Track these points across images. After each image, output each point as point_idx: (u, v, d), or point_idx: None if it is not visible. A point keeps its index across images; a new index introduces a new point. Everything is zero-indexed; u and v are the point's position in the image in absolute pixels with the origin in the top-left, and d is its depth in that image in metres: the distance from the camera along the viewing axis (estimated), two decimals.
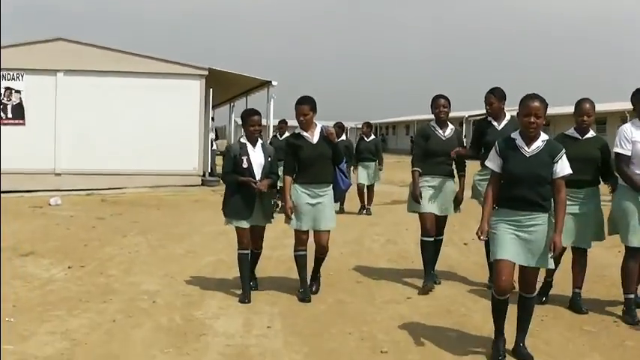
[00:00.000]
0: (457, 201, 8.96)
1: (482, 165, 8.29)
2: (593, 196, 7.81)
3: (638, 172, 7.34)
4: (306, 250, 8.21)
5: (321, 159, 8.16)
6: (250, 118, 8.21)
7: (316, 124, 8.26)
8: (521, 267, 6.13)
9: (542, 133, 6.13)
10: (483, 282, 8.87)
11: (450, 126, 9.01)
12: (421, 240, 8.88)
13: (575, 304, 7.75)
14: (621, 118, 43.29)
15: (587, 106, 7.76)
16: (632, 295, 7.48)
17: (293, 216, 8.10)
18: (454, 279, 9.28)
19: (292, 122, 10.31)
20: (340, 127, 16.87)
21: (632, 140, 7.40)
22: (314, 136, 8.19)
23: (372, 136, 17.57)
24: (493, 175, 6.21)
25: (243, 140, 8.28)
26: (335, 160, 8.28)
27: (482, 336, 6.68)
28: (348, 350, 6.36)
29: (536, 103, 6.01)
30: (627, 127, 7.55)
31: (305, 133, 8.19)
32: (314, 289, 8.42)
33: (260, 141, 8.34)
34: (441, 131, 8.87)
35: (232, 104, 35.71)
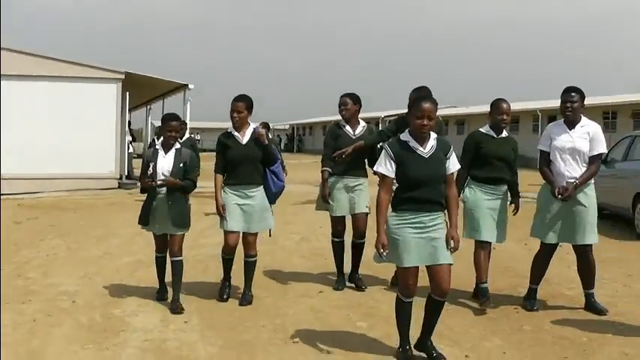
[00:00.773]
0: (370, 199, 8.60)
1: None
2: (506, 195, 8.15)
3: (561, 171, 7.63)
4: (234, 254, 8.14)
5: (248, 160, 8.00)
6: (168, 123, 7.91)
7: (249, 124, 8.13)
8: (431, 268, 5.98)
9: (431, 132, 6.08)
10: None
11: (362, 124, 8.89)
12: (332, 240, 8.99)
13: (482, 292, 7.99)
14: (534, 117, 44.75)
15: (505, 105, 8.02)
16: (536, 287, 7.91)
17: (223, 219, 7.99)
18: (368, 273, 9.31)
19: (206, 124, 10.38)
20: (266, 126, 17.01)
21: (550, 137, 7.76)
22: (244, 137, 8.05)
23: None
24: (385, 181, 6.02)
25: (158, 146, 8.05)
26: (265, 162, 8.13)
27: (391, 325, 6.97)
28: (261, 342, 6.68)
29: (429, 105, 5.94)
30: (549, 126, 7.97)
31: (236, 133, 8.06)
32: (247, 294, 8.14)
33: (176, 146, 7.97)
34: (350, 130, 8.79)
35: (149, 107, 35.65)
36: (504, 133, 8.13)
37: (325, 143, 8.90)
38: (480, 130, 8.21)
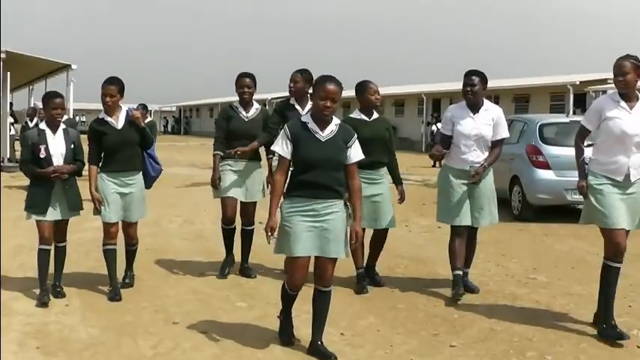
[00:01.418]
0: (265, 185, 8.58)
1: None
2: (386, 177, 8.16)
3: (466, 157, 7.66)
4: (115, 244, 7.81)
5: (127, 145, 7.68)
6: (52, 100, 7.48)
7: (121, 108, 7.78)
8: (317, 259, 5.88)
9: (333, 117, 5.91)
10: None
11: (256, 106, 8.63)
12: (222, 227, 8.76)
13: (373, 279, 8.24)
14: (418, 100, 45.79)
15: (373, 85, 7.98)
16: (459, 272, 7.72)
17: (102, 208, 7.61)
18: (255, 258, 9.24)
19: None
20: (144, 108, 16.63)
21: (452, 121, 7.75)
22: (119, 121, 7.69)
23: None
24: (281, 162, 5.86)
25: (42, 126, 7.59)
26: (143, 145, 7.86)
27: (271, 305, 7.23)
28: (142, 322, 6.89)
29: (333, 86, 5.74)
30: (450, 108, 8.02)
31: (109, 118, 7.67)
32: (127, 281, 8.10)
33: (62, 126, 7.62)
34: (244, 112, 8.52)
35: (31, 87, 34.95)
36: (375, 115, 8.08)
37: (217, 125, 8.66)
38: (351, 115, 8.12)
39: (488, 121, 7.68)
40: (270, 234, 5.75)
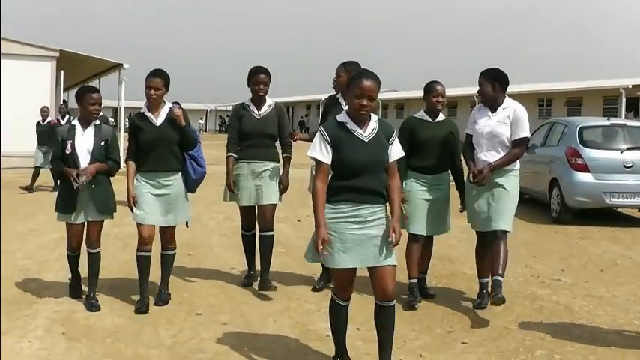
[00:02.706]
0: (281, 187, 8.06)
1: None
2: (447, 182, 7.74)
3: (479, 156, 7.35)
4: (149, 251, 7.33)
5: (164, 144, 7.23)
6: (89, 95, 7.23)
7: (165, 104, 7.37)
8: (374, 270, 5.36)
9: (372, 114, 5.45)
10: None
11: (269, 102, 8.06)
12: (241, 234, 8.45)
13: (422, 290, 7.80)
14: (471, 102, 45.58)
15: (440, 87, 7.57)
16: (484, 280, 7.50)
17: (136, 209, 7.24)
18: (280, 254, 9.46)
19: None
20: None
21: (474, 121, 7.48)
22: (159, 118, 7.28)
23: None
24: (321, 168, 5.31)
25: (75, 122, 7.32)
26: (183, 146, 7.36)
27: (293, 299, 7.47)
28: (166, 313, 7.14)
29: (370, 83, 5.27)
30: (475, 108, 7.69)
31: (149, 114, 7.29)
32: (163, 293, 7.51)
33: (96, 123, 7.31)
34: (255, 109, 7.99)
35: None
36: (441, 116, 7.70)
37: (229, 126, 8.20)
38: (415, 115, 7.81)
39: (504, 119, 7.28)
40: (322, 248, 5.19)
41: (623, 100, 33.98)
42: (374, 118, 5.43)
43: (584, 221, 13.53)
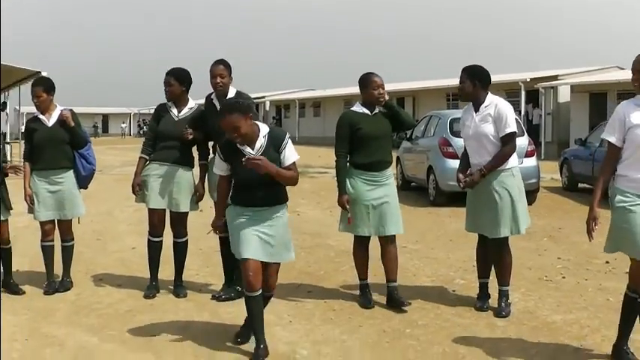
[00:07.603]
0: (197, 195, 7.81)
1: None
2: (392, 177, 7.52)
3: (470, 159, 7.16)
4: (52, 241, 8.12)
5: (54, 143, 7.79)
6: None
7: (57, 107, 7.90)
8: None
9: (260, 127, 5.83)
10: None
11: (191, 103, 7.80)
12: (147, 239, 7.98)
13: (396, 300, 7.39)
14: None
15: (377, 78, 7.19)
16: (484, 280, 7.39)
17: (34, 206, 7.88)
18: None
19: None
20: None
21: (463, 123, 7.25)
22: (50, 119, 7.83)
23: None
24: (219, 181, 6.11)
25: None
26: (74, 145, 7.90)
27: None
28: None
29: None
30: (463, 111, 7.43)
31: (41, 116, 7.85)
32: (63, 284, 8.10)
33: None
34: (175, 110, 7.77)
35: (7, 94, 35.41)
36: (377, 109, 7.34)
37: (148, 126, 8.11)
38: (352, 109, 7.43)
39: (486, 117, 6.99)
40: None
41: (523, 93, 35.37)
42: (263, 132, 5.79)
43: (457, 203, 14.66)
